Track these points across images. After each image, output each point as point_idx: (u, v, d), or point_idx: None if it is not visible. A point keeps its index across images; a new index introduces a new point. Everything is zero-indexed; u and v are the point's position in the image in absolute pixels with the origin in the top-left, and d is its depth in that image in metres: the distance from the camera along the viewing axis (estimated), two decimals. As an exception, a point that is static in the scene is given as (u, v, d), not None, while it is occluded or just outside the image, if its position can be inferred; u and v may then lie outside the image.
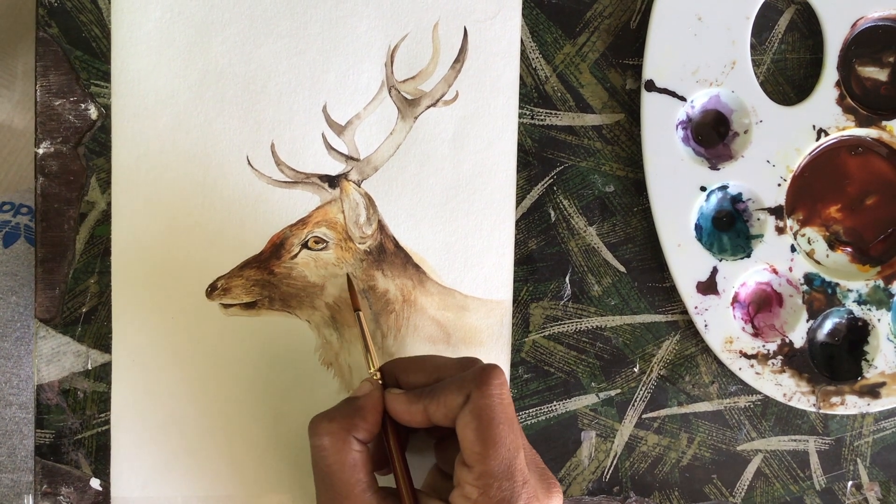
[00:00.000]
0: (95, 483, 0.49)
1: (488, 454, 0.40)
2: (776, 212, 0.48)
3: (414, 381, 0.44)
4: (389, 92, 0.49)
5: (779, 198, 0.48)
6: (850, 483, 0.50)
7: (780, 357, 0.48)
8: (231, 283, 0.49)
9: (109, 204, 0.49)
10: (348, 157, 0.49)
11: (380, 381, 0.44)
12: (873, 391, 0.48)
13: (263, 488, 0.49)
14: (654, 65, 0.48)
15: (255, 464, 0.49)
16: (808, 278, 0.48)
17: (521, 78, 0.49)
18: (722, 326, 0.48)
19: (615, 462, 0.50)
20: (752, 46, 0.48)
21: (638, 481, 0.50)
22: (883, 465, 0.50)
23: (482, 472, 0.40)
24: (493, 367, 0.41)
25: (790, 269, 0.48)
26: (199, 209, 0.49)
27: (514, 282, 0.50)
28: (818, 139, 0.48)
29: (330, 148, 0.49)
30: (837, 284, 0.48)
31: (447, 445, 0.45)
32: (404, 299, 0.49)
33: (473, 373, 0.41)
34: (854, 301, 0.48)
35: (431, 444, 0.47)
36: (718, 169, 0.48)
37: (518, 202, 0.50)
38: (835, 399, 0.48)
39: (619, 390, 0.50)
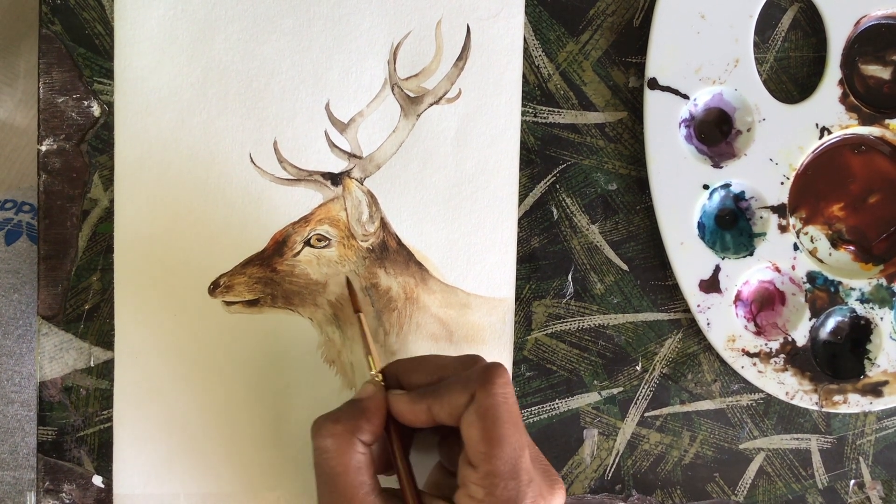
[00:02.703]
0: (98, 480, 0.49)
1: (494, 454, 0.39)
2: (779, 210, 0.48)
3: (416, 381, 0.44)
4: (392, 89, 0.49)
5: (781, 196, 0.48)
6: (852, 482, 0.50)
7: (782, 355, 0.48)
8: (233, 280, 0.49)
9: (112, 201, 0.49)
10: (351, 155, 0.49)
11: (382, 383, 0.44)
12: (876, 390, 0.48)
13: (264, 485, 0.49)
14: (657, 63, 0.48)
15: (256, 461, 0.49)
16: (811, 277, 0.48)
17: (524, 76, 0.49)
18: (724, 325, 0.48)
19: (617, 460, 0.50)
20: (756, 44, 0.48)
21: (640, 479, 0.50)
22: (885, 463, 0.50)
23: (488, 472, 0.39)
24: (496, 366, 0.41)
25: (793, 268, 0.48)
26: (202, 206, 0.49)
27: (517, 280, 0.50)
28: (821, 137, 0.48)
29: (332, 145, 0.49)
30: (840, 283, 0.48)
31: (451, 443, 0.45)
32: (407, 297, 0.49)
33: (477, 371, 0.41)
34: (857, 299, 0.48)
35: (434, 442, 0.47)
36: (721, 167, 0.48)
37: (521, 200, 0.50)
38: (837, 398, 0.48)
39: (621, 388, 0.50)
